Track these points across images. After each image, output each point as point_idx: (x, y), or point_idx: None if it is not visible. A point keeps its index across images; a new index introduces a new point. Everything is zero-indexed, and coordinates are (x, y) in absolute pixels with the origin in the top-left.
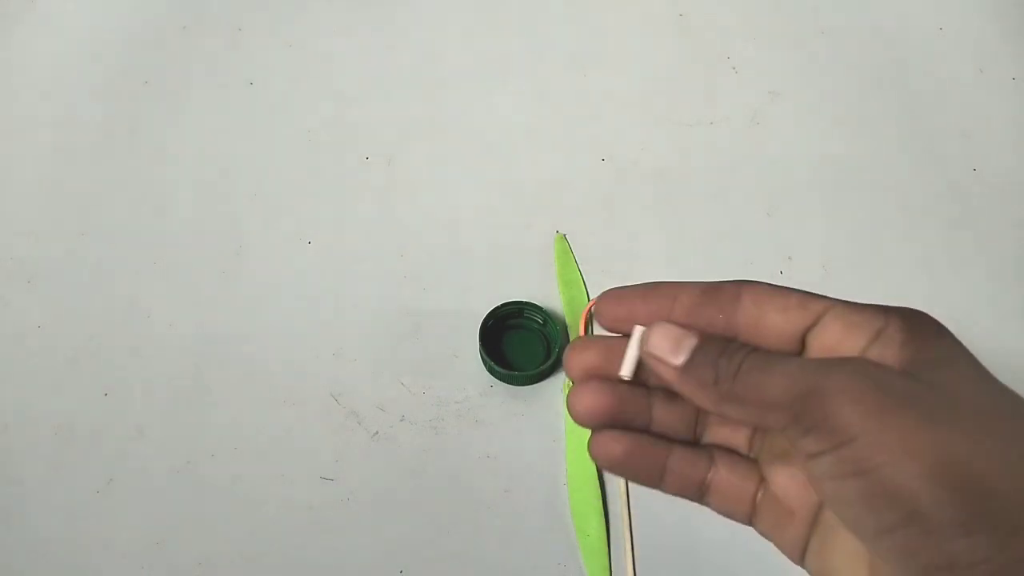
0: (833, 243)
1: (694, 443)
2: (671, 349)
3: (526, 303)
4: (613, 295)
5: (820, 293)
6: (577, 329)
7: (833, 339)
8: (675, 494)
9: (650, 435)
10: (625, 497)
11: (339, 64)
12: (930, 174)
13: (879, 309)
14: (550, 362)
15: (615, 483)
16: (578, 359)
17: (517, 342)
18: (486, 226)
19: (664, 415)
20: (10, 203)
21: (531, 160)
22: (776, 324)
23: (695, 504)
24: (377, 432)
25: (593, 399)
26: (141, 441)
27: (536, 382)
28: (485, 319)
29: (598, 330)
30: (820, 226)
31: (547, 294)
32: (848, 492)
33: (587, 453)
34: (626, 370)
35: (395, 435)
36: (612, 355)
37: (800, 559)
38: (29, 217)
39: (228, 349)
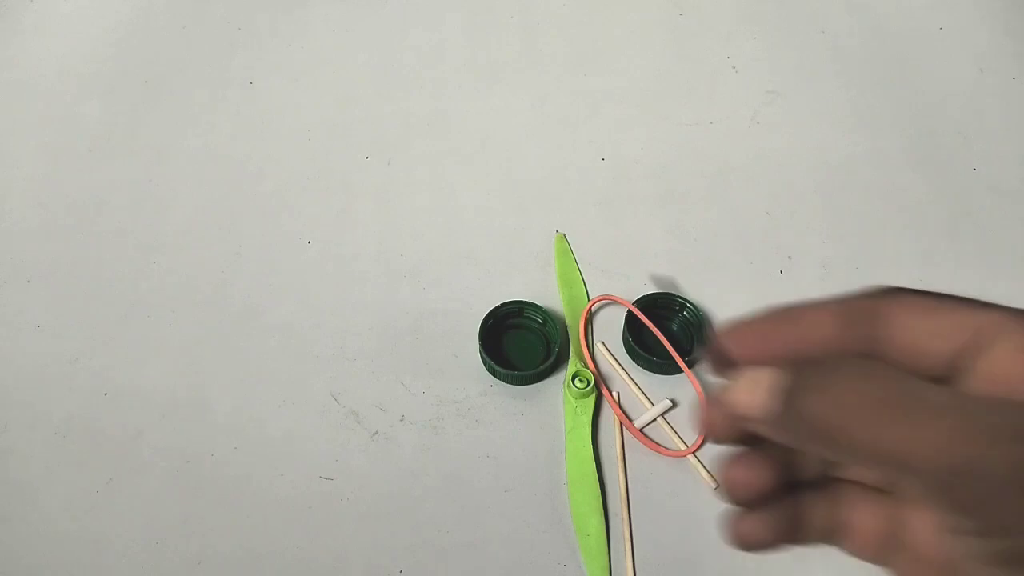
0: (833, 243)
1: (821, 479)
2: (759, 401)
3: (526, 303)
4: (732, 337)
5: (984, 301)
6: (577, 329)
7: (1003, 368)
8: (805, 544)
9: (781, 489)
10: (625, 497)
11: (339, 64)
12: (930, 174)
13: None
14: (550, 362)
15: (615, 483)
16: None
17: (517, 342)
18: (486, 226)
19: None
20: (10, 203)
21: (531, 160)
22: (932, 349)
23: (695, 504)
24: (377, 432)
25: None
26: (141, 441)
27: (536, 382)
28: (485, 319)
29: (598, 330)
30: (820, 226)
31: (547, 294)
32: None
33: (587, 453)
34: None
35: (395, 435)
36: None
37: None
38: (29, 217)
39: (228, 349)
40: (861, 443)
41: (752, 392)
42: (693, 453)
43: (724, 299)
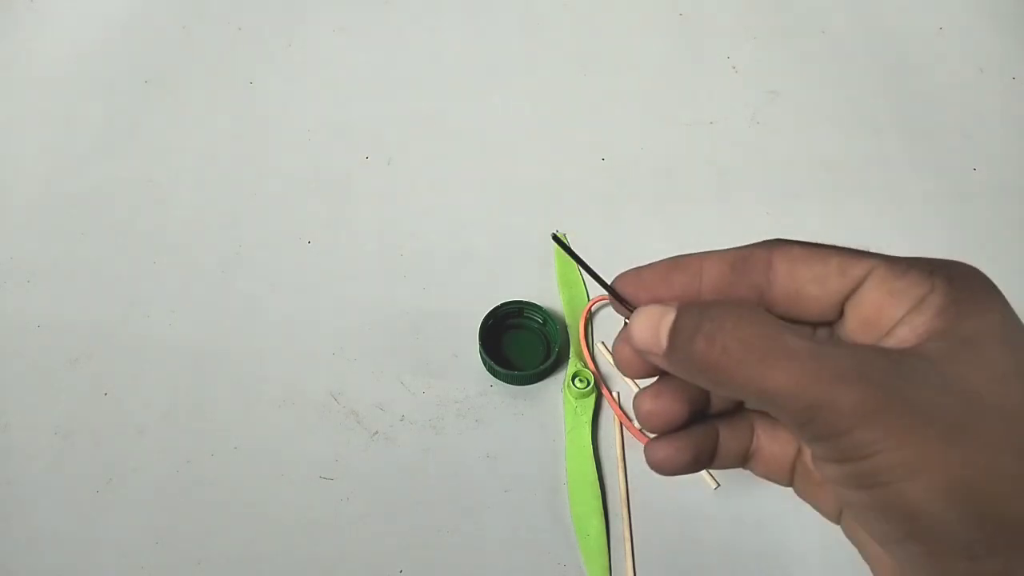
0: (832, 243)
1: (734, 410)
2: (653, 337)
3: (526, 303)
4: (630, 278)
5: (862, 250)
6: (577, 329)
7: (872, 309)
8: (719, 468)
9: (697, 420)
10: (625, 497)
11: (339, 64)
12: (930, 174)
13: (925, 271)
14: (550, 362)
15: (615, 483)
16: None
17: (517, 342)
18: (485, 226)
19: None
20: (10, 203)
21: (531, 160)
22: (813, 295)
23: (695, 504)
24: (377, 432)
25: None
26: (141, 441)
27: (536, 382)
28: (485, 319)
29: (598, 330)
30: (820, 226)
31: (547, 294)
32: (857, 498)
33: (587, 453)
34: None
35: (395, 435)
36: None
37: (836, 522)
38: (29, 217)
39: (228, 349)
40: (736, 381)
41: (646, 330)
42: None
43: None
